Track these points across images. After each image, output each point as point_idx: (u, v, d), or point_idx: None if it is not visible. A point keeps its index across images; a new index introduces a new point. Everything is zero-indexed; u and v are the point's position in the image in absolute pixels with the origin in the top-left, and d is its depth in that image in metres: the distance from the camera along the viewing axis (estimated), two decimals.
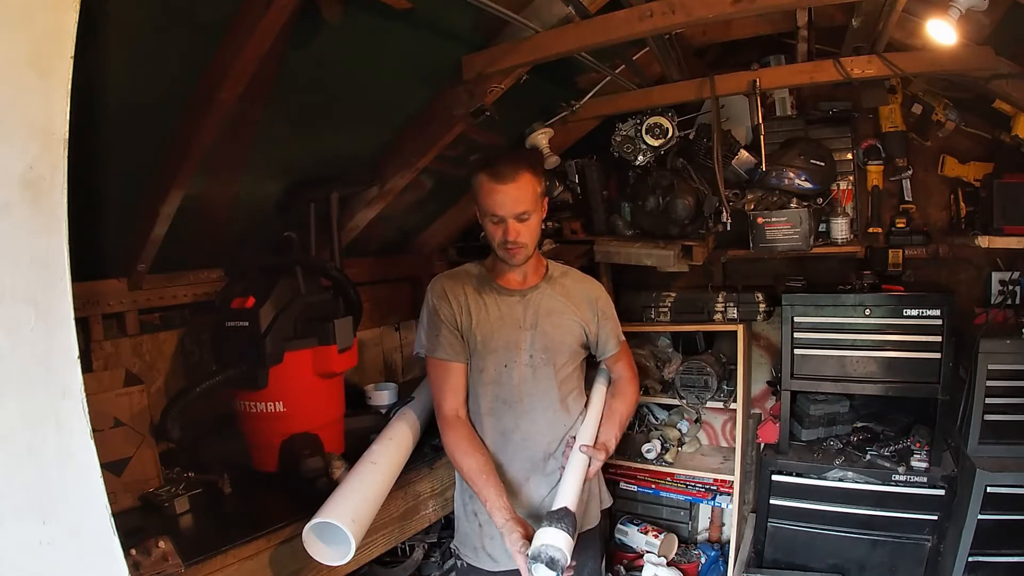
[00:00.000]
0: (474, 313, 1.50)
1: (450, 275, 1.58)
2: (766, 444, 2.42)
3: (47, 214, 0.58)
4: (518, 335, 1.50)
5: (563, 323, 1.54)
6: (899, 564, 2.14)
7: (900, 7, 1.53)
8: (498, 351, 1.49)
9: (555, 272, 1.61)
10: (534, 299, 1.53)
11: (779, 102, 2.33)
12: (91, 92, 1.15)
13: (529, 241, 1.45)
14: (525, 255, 1.47)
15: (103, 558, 0.62)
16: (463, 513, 1.58)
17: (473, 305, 1.51)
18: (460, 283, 1.54)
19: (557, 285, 1.57)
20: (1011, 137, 1.96)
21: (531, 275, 1.56)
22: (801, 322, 2.25)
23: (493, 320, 1.50)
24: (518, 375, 1.49)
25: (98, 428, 1.00)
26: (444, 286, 1.53)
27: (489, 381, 1.50)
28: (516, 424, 1.50)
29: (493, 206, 1.41)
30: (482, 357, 1.50)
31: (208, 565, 1.19)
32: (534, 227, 1.45)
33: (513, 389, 1.50)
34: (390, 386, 2.18)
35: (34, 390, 0.57)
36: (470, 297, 1.51)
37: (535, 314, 1.52)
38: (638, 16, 1.51)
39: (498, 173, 1.39)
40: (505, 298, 1.52)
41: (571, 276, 1.63)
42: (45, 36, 0.58)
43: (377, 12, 1.34)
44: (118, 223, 1.52)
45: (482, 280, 1.55)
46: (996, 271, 2.28)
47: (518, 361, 1.50)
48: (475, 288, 1.53)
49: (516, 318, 1.51)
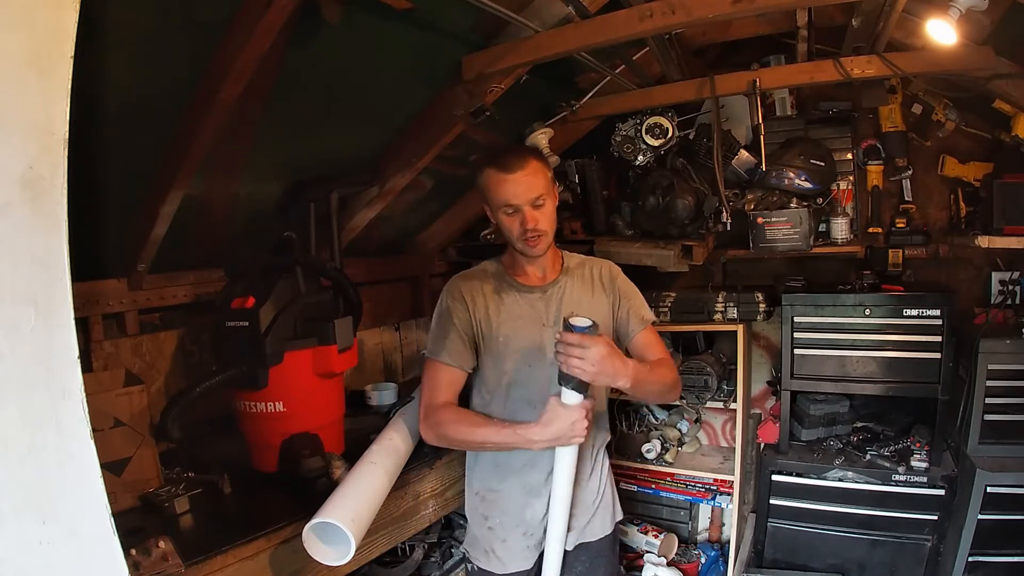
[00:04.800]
0: (493, 314, 1.45)
1: (467, 275, 1.52)
2: (766, 444, 2.42)
3: (47, 214, 0.58)
4: (541, 333, 1.45)
5: (590, 311, 1.42)
6: (899, 564, 2.14)
7: (900, 7, 1.53)
8: (521, 351, 1.44)
9: (571, 263, 1.55)
10: (555, 295, 1.48)
11: (779, 102, 2.33)
12: (91, 92, 1.15)
13: (548, 228, 1.41)
14: (546, 243, 1.42)
15: (103, 558, 0.62)
16: (474, 517, 1.56)
17: (492, 305, 1.46)
18: (478, 283, 1.49)
19: (576, 276, 1.52)
20: (1011, 137, 1.96)
21: (550, 269, 1.51)
22: (801, 322, 2.25)
23: (515, 319, 1.45)
24: (543, 375, 1.43)
25: (98, 428, 1.01)
26: (461, 287, 1.48)
27: (511, 383, 1.46)
28: None
29: (507, 196, 1.37)
30: (504, 358, 1.45)
31: (208, 565, 1.19)
32: (550, 213, 1.41)
33: (539, 390, 1.43)
34: (390, 386, 2.18)
35: (34, 390, 0.57)
36: (488, 297, 1.47)
37: (558, 310, 1.46)
38: (638, 16, 1.51)
39: (506, 163, 1.36)
40: (526, 295, 1.48)
41: (588, 263, 1.57)
42: (45, 36, 0.57)
43: (377, 12, 1.34)
44: (118, 223, 1.52)
45: (500, 278, 1.50)
46: (996, 271, 2.28)
47: (543, 360, 1.43)
48: (494, 287, 1.48)
49: (538, 316, 1.46)
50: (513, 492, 1.49)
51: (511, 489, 1.49)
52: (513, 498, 1.50)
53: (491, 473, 1.52)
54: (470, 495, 1.57)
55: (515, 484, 1.48)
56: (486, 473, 1.53)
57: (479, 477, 1.55)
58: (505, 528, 1.50)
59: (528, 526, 1.49)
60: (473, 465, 1.57)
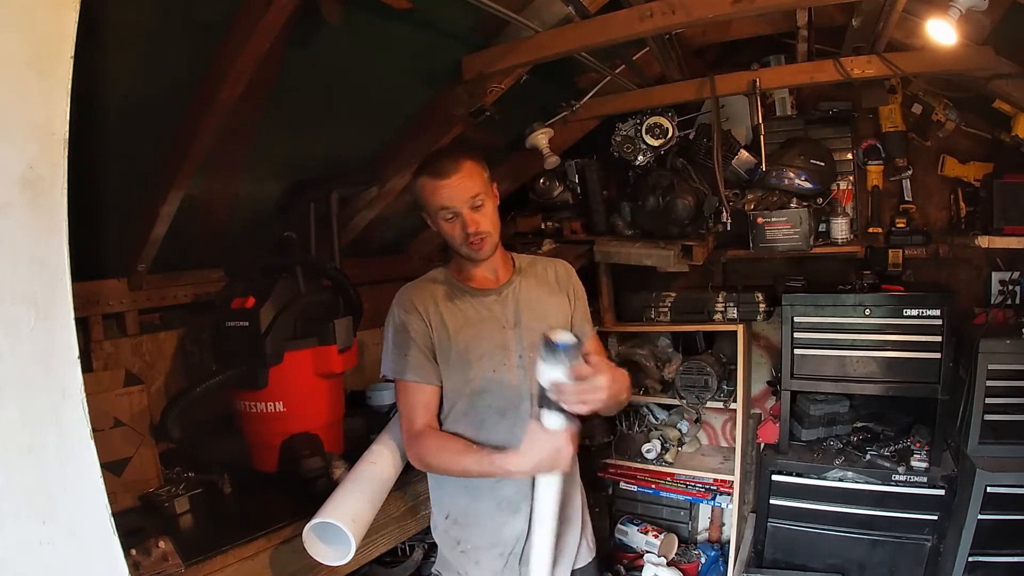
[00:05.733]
0: (450, 322, 1.36)
1: (415, 285, 1.43)
2: (766, 444, 2.42)
3: (47, 214, 0.58)
4: (503, 335, 1.38)
5: (547, 314, 1.42)
6: (899, 564, 2.14)
7: (900, 7, 1.53)
8: (484, 356, 1.36)
9: (522, 263, 1.49)
10: (511, 295, 1.42)
11: (779, 102, 2.33)
12: (91, 92, 1.15)
13: (491, 228, 1.36)
14: (491, 244, 1.37)
15: (103, 558, 0.62)
16: (444, 540, 1.44)
17: (447, 313, 1.37)
18: (428, 292, 1.40)
19: (529, 275, 1.47)
20: (1011, 137, 1.96)
21: (501, 271, 1.45)
22: (801, 322, 2.25)
23: (473, 324, 1.37)
24: (512, 378, 1.36)
25: (98, 428, 1.00)
26: (412, 298, 1.39)
27: (478, 391, 1.36)
28: (512, 434, 1.30)
29: (442, 200, 1.32)
30: (467, 367, 1.35)
31: (208, 565, 1.19)
32: (491, 213, 1.36)
33: (508, 395, 1.36)
34: (390, 386, 2.17)
35: (34, 390, 0.57)
36: (441, 305, 1.38)
37: (515, 311, 1.40)
38: (638, 16, 1.51)
39: (439, 169, 1.33)
40: (481, 299, 1.40)
41: (540, 263, 1.52)
42: (45, 36, 0.57)
43: (377, 12, 1.34)
44: (118, 223, 1.53)
45: (452, 285, 1.41)
46: (996, 271, 2.28)
47: (508, 364, 1.36)
48: (446, 295, 1.40)
49: (497, 318, 1.39)
50: (487, 510, 1.37)
51: (484, 507, 1.37)
52: (487, 516, 1.37)
53: (461, 493, 1.39)
54: (439, 518, 1.44)
55: (489, 501, 1.37)
56: (456, 493, 1.40)
57: (449, 497, 1.42)
58: (479, 550, 1.39)
59: (504, 546, 1.37)
60: (441, 484, 1.43)
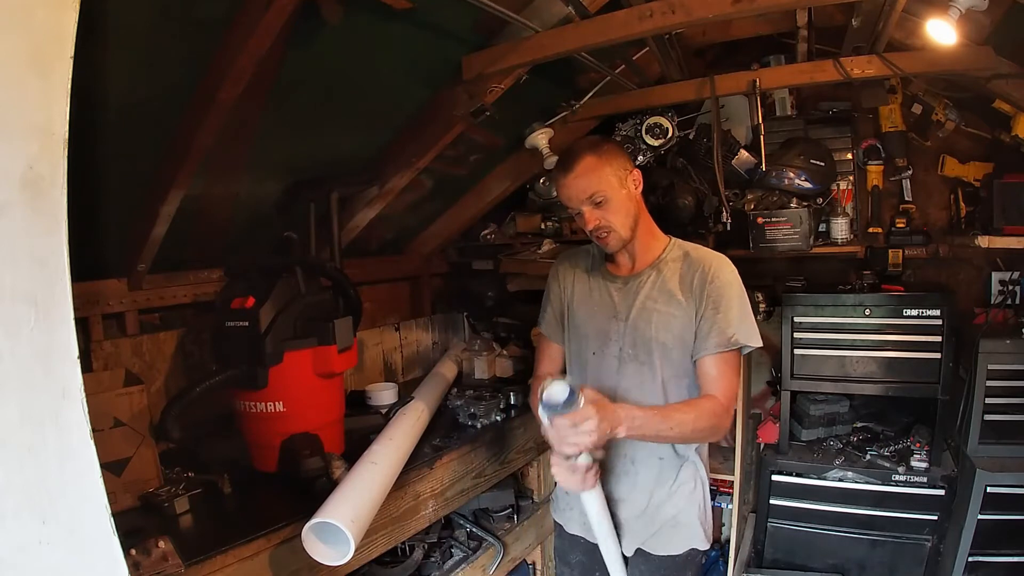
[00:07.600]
0: (577, 295, 1.51)
1: (572, 253, 1.59)
2: (766, 444, 2.41)
3: (47, 214, 0.58)
4: (609, 325, 1.43)
5: (659, 318, 1.37)
6: (899, 564, 2.14)
7: (900, 7, 1.53)
8: (589, 337, 1.46)
9: (671, 254, 1.43)
10: (634, 288, 1.42)
11: (779, 102, 2.33)
12: (91, 92, 1.15)
13: (616, 224, 1.36)
14: (618, 239, 1.38)
15: (103, 558, 0.62)
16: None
17: (579, 287, 1.51)
18: (577, 263, 1.55)
19: (668, 270, 1.40)
20: (1011, 137, 1.96)
21: (640, 259, 1.44)
22: (801, 322, 2.24)
23: (592, 305, 1.47)
24: (608, 365, 1.43)
25: (98, 428, 1.01)
26: (562, 266, 1.56)
27: (586, 363, 1.48)
28: None
29: (563, 199, 1.40)
30: (578, 339, 1.50)
31: (208, 565, 1.19)
32: (617, 208, 1.35)
33: (603, 379, 1.42)
34: (390, 386, 2.18)
35: (34, 390, 0.57)
36: (578, 279, 1.52)
37: (630, 305, 1.41)
38: (638, 16, 1.51)
39: (561, 167, 1.38)
40: (608, 283, 1.47)
41: (689, 259, 1.41)
42: (45, 36, 0.57)
43: (377, 12, 1.34)
44: (118, 223, 1.52)
45: (596, 263, 1.52)
46: (996, 271, 2.28)
47: (607, 352, 1.43)
48: (586, 269, 1.52)
49: (613, 306, 1.43)
50: None
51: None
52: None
53: None
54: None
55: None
56: None
57: None
58: (571, 496, 1.55)
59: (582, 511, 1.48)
60: None
